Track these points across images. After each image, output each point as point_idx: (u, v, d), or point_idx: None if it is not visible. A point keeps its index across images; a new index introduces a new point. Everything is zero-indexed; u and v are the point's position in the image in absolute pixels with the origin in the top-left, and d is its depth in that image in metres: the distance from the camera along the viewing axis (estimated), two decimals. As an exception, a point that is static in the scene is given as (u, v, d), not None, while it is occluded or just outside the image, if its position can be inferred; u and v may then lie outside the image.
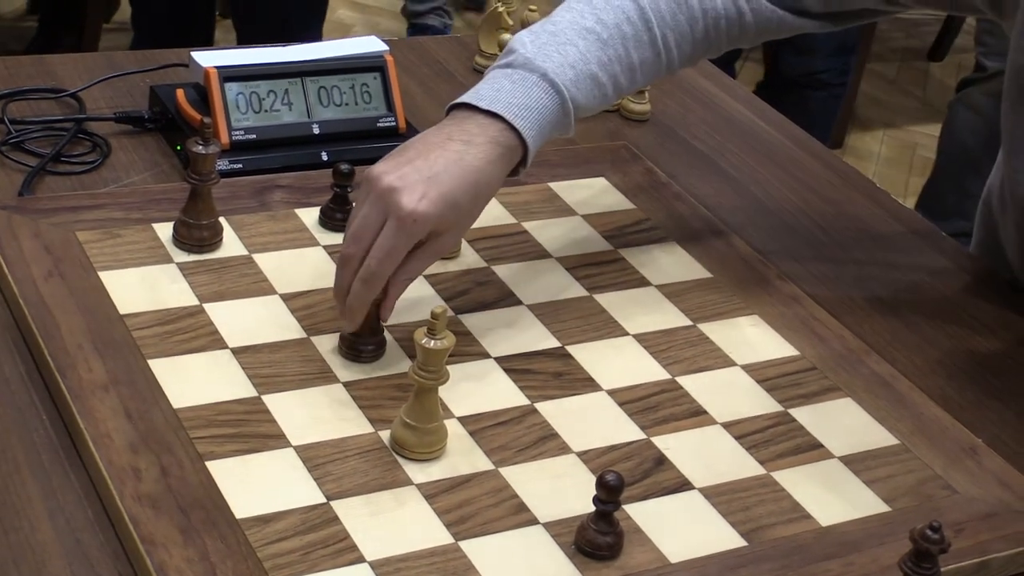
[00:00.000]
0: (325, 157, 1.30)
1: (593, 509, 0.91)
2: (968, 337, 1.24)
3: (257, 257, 1.15)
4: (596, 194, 1.32)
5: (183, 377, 1.00)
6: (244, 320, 1.07)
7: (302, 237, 1.18)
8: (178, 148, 1.29)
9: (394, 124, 1.34)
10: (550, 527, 0.94)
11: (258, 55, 1.32)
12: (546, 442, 1.01)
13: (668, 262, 1.24)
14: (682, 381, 1.10)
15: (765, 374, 1.12)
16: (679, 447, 1.03)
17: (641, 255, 1.24)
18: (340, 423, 0.99)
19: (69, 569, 0.86)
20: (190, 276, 1.11)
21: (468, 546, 0.91)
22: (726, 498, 0.99)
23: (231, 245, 1.15)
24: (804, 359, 1.14)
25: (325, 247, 1.17)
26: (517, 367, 1.08)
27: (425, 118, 1.41)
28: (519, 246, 1.23)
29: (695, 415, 1.06)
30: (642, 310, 1.17)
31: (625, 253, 1.24)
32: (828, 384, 1.12)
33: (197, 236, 1.13)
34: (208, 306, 1.08)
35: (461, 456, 0.98)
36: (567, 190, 1.32)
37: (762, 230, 1.34)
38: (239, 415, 0.98)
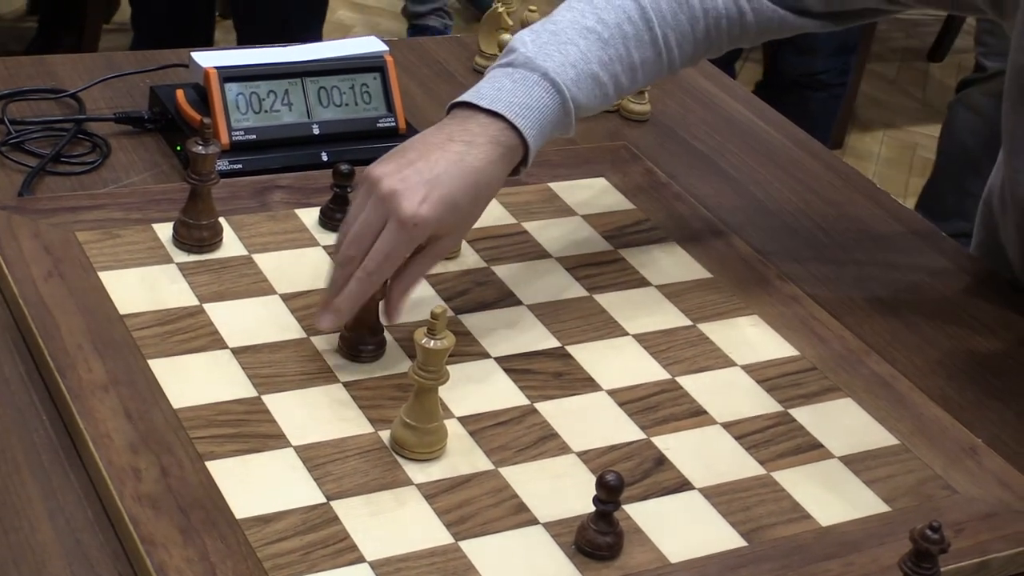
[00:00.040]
0: (325, 157, 1.30)
1: (593, 509, 0.91)
2: (968, 337, 1.24)
3: (257, 257, 1.15)
4: (596, 194, 1.32)
5: (183, 377, 1.00)
6: (244, 320, 1.07)
7: (302, 237, 1.18)
8: (178, 148, 1.29)
9: (394, 124, 1.34)
10: (550, 527, 0.94)
11: (258, 55, 1.32)
12: (546, 442, 1.01)
13: (668, 262, 1.24)
14: (682, 381, 1.09)
15: (765, 374, 1.12)
16: (679, 447, 1.03)
17: (641, 255, 1.24)
18: (340, 423, 0.99)
19: (69, 569, 0.86)
20: (190, 276, 1.11)
21: (468, 546, 0.91)
22: (726, 498, 0.99)
23: (231, 245, 1.15)
24: (804, 359, 1.14)
25: (325, 247, 1.17)
26: (517, 367, 1.08)
27: (425, 118, 1.41)
28: (519, 246, 1.23)
29: (695, 415, 1.06)
30: (642, 310, 1.17)
31: (625, 253, 1.24)
32: (828, 384, 1.12)
33: (197, 236, 1.13)
34: (208, 306, 1.08)
35: (461, 456, 0.98)
36: (567, 190, 1.32)
37: (762, 230, 1.34)
38: (239, 415, 0.98)
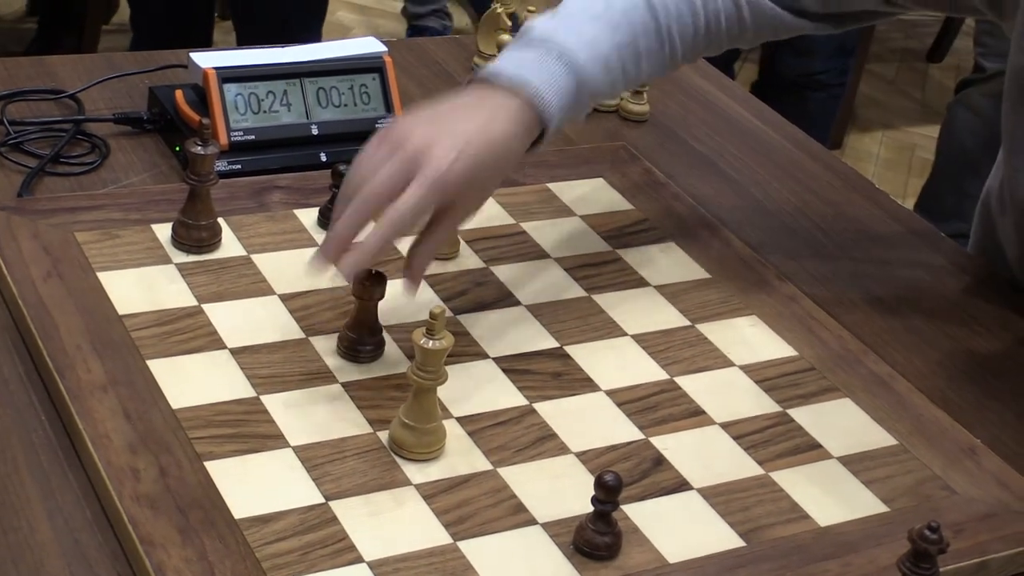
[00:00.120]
0: (324, 158, 1.30)
1: (591, 509, 0.91)
2: (967, 338, 1.24)
3: (256, 258, 1.15)
4: (595, 195, 1.32)
5: (182, 377, 1.00)
6: (243, 320, 1.07)
7: (301, 238, 1.18)
8: (177, 149, 1.29)
9: (393, 125, 1.34)
10: (548, 527, 0.94)
11: (257, 56, 1.32)
12: (545, 442, 1.01)
13: (667, 262, 1.24)
14: (681, 381, 1.09)
15: (764, 374, 1.12)
16: (678, 447, 1.03)
17: (640, 255, 1.24)
18: (338, 423, 0.99)
19: (68, 569, 0.86)
20: (189, 277, 1.11)
21: (467, 546, 0.91)
22: (724, 498, 0.99)
23: (230, 246, 1.15)
24: (803, 359, 1.14)
25: (324, 248, 1.17)
26: (516, 367, 1.08)
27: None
28: (518, 247, 1.23)
29: (694, 415, 1.06)
30: (641, 310, 1.17)
31: (624, 253, 1.24)
32: (827, 384, 1.12)
33: (196, 237, 1.13)
34: (207, 306, 1.08)
35: (460, 456, 0.98)
36: (566, 190, 1.32)
37: (761, 231, 1.34)
38: (238, 415, 0.98)
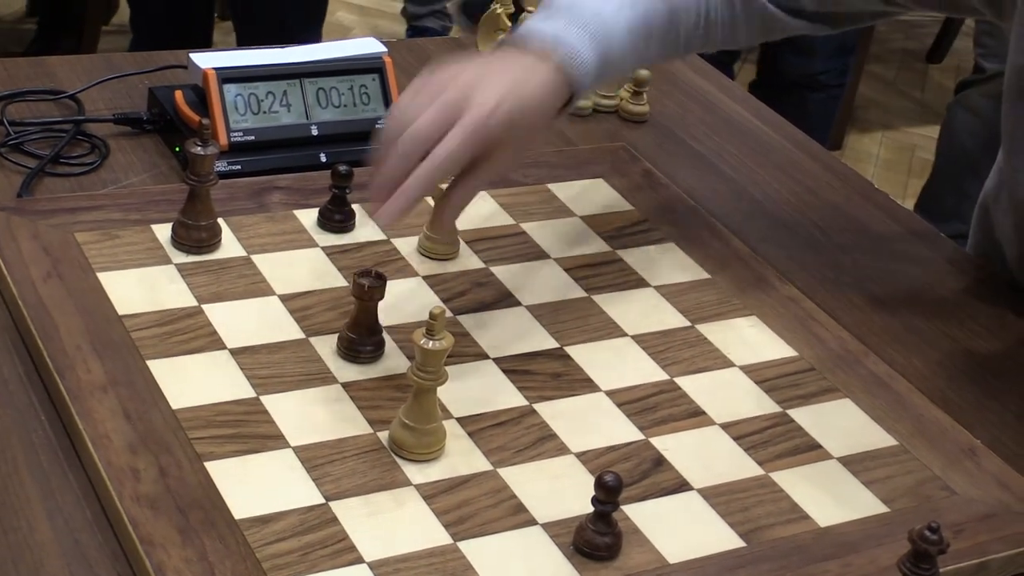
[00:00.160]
0: (323, 158, 1.30)
1: (592, 510, 0.91)
2: (967, 338, 1.24)
3: (256, 258, 1.15)
4: (594, 195, 1.32)
5: (182, 378, 1.00)
6: (243, 321, 1.07)
7: (301, 238, 1.18)
8: (177, 149, 1.29)
9: (393, 125, 1.34)
10: (549, 528, 0.94)
11: (257, 57, 1.32)
12: (544, 443, 1.01)
13: (666, 263, 1.24)
14: (680, 382, 1.10)
15: (764, 375, 1.12)
16: (678, 448, 1.03)
17: (639, 256, 1.24)
18: (339, 424, 0.99)
19: (68, 569, 0.86)
20: (189, 277, 1.11)
21: (467, 547, 0.91)
22: (724, 499, 0.99)
23: (230, 246, 1.15)
24: (803, 360, 1.14)
25: (324, 248, 1.17)
26: (516, 368, 1.08)
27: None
28: (517, 247, 1.23)
29: (693, 416, 1.06)
30: (640, 311, 1.17)
31: (623, 254, 1.24)
32: (827, 385, 1.12)
33: (196, 237, 1.13)
34: (207, 307, 1.08)
35: (460, 457, 0.98)
36: (565, 191, 1.32)
37: (761, 231, 1.34)
38: (238, 416, 0.98)
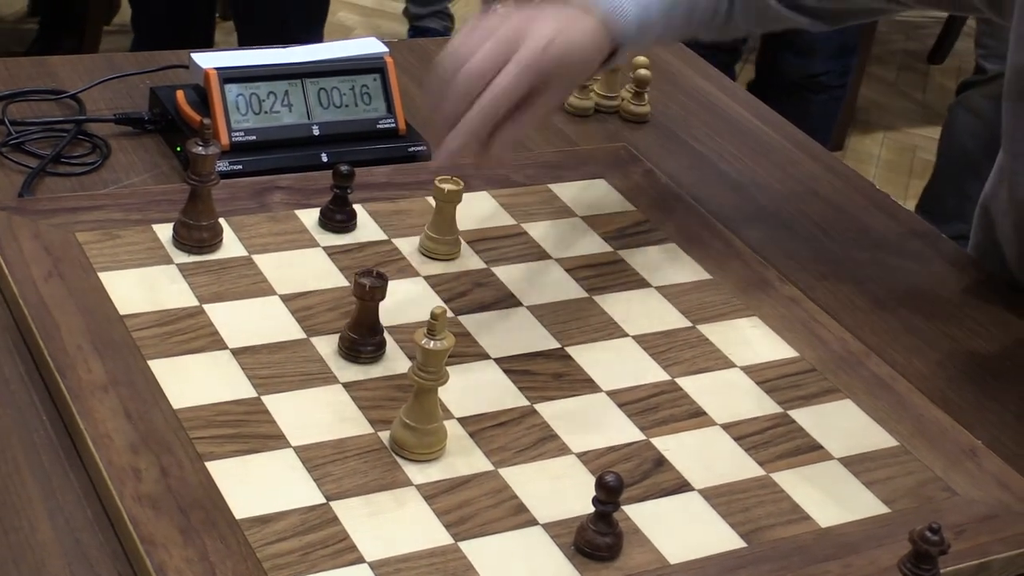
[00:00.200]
0: (325, 158, 1.30)
1: (592, 510, 0.91)
2: (968, 339, 1.24)
3: (257, 258, 1.15)
4: (596, 195, 1.32)
5: (183, 378, 1.00)
6: (244, 321, 1.07)
7: (302, 238, 1.18)
8: (178, 149, 1.29)
9: (394, 126, 1.34)
10: (549, 528, 0.94)
11: (258, 56, 1.32)
12: (545, 443, 1.01)
13: (668, 263, 1.24)
14: (682, 382, 1.10)
15: (765, 375, 1.12)
16: (678, 448, 1.03)
17: (641, 256, 1.24)
18: (339, 424, 0.99)
19: (68, 569, 0.86)
20: (190, 277, 1.11)
21: (467, 547, 0.91)
22: (725, 499, 0.99)
23: (231, 246, 1.15)
24: (804, 360, 1.14)
25: (325, 248, 1.17)
26: (517, 368, 1.08)
27: (425, 120, 1.41)
28: (518, 247, 1.23)
29: (695, 416, 1.06)
30: (642, 311, 1.17)
31: (624, 254, 1.24)
32: (828, 386, 1.12)
33: (197, 237, 1.13)
34: (208, 307, 1.08)
35: (461, 457, 0.98)
36: (567, 191, 1.32)
37: (762, 232, 1.34)
38: (239, 416, 0.98)
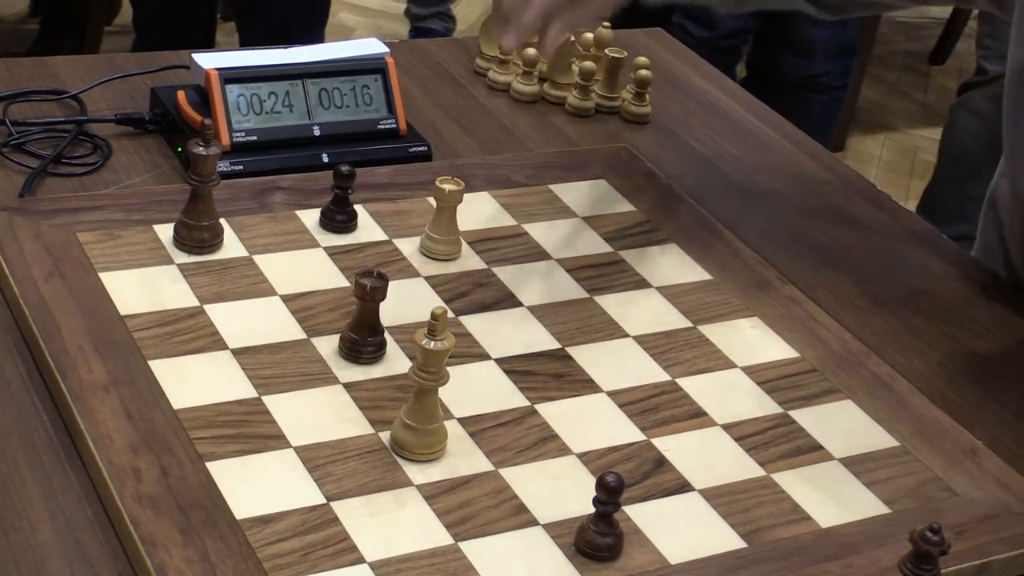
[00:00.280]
0: (326, 159, 1.30)
1: (593, 510, 0.91)
2: (968, 339, 1.24)
3: (258, 258, 1.15)
4: (596, 196, 1.32)
5: (183, 378, 1.00)
6: (244, 321, 1.07)
7: (303, 239, 1.18)
8: (179, 149, 1.29)
9: (395, 126, 1.34)
10: (550, 528, 0.94)
11: (259, 57, 1.32)
12: (546, 443, 1.01)
13: (668, 264, 1.24)
14: (682, 383, 1.10)
15: (765, 376, 1.12)
16: (679, 448, 1.03)
17: (641, 257, 1.24)
18: (340, 424, 0.99)
19: (69, 569, 0.86)
20: (190, 277, 1.11)
21: (468, 547, 0.91)
22: (726, 499, 0.99)
23: (231, 246, 1.15)
24: (804, 361, 1.14)
25: (326, 248, 1.17)
26: (517, 368, 1.08)
27: (426, 120, 1.41)
28: (519, 248, 1.23)
29: (695, 416, 1.06)
30: (642, 312, 1.17)
31: (625, 255, 1.24)
32: (828, 386, 1.12)
33: (198, 237, 1.13)
34: (208, 307, 1.08)
35: (461, 457, 0.98)
36: (567, 192, 1.32)
37: (762, 232, 1.34)
38: (239, 416, 0.98)
